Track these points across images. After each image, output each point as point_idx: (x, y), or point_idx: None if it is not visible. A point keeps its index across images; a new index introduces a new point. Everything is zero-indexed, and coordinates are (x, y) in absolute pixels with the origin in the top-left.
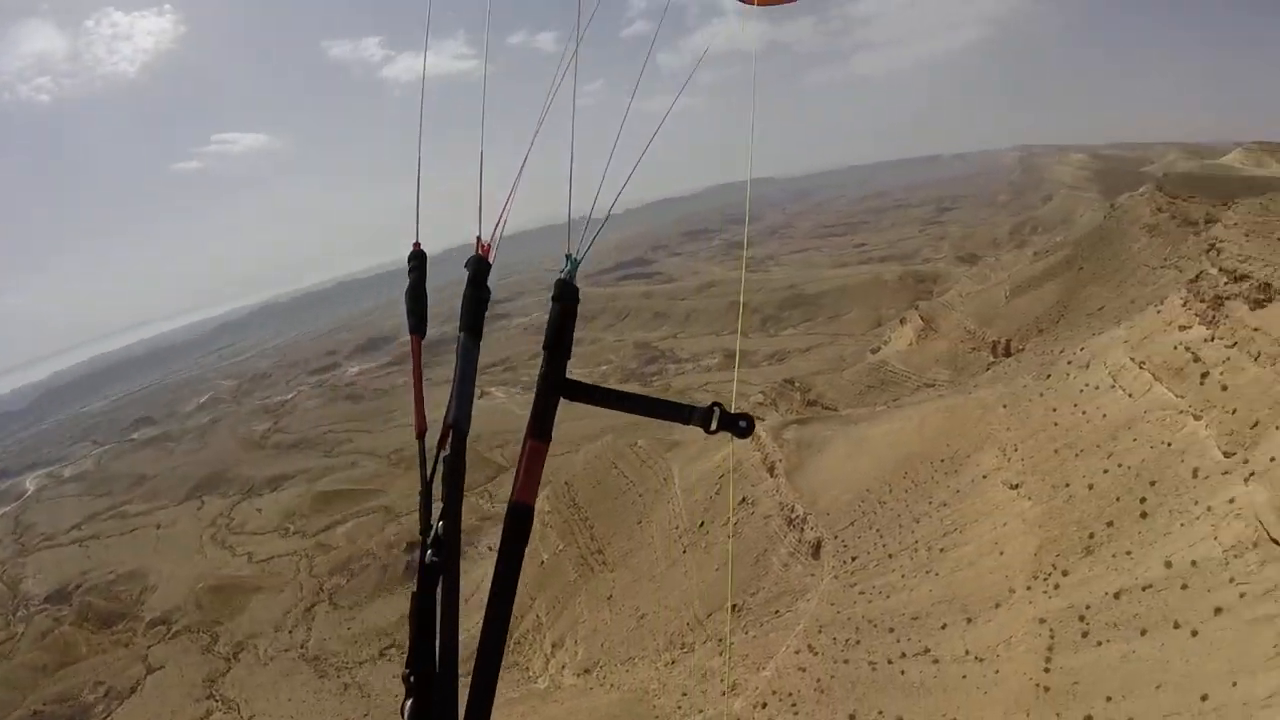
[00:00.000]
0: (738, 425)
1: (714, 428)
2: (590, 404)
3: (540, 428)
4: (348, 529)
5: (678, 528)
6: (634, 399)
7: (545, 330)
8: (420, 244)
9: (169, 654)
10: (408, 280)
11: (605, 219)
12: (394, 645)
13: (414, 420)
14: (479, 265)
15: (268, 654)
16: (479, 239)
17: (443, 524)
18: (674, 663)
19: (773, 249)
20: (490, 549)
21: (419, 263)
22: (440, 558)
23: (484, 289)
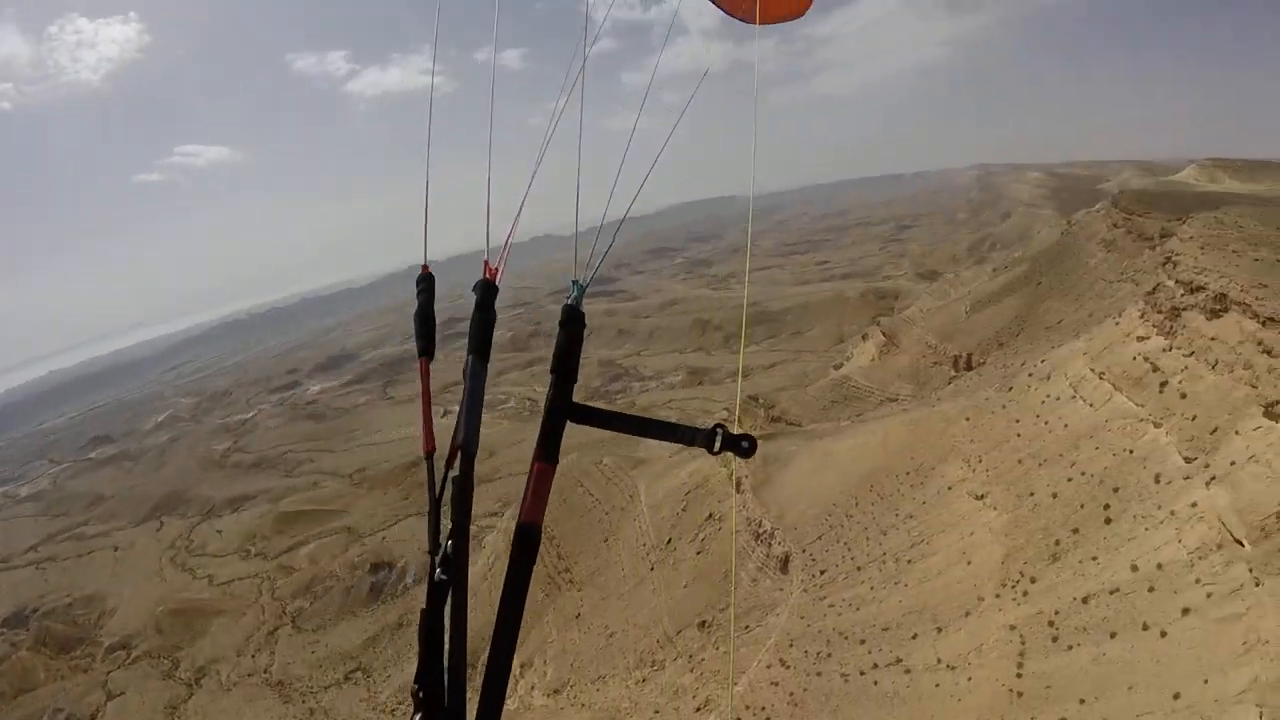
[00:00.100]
0: (740, 446)
1: (717, 448)
2: (596, 427)
3: (548, 450)
4: (310, 550)
5: (645, 545)
6: (639, 421)
7: (552, 356)
8: (429, 267)
9: (129, 680)
10: (416, 302)
11: (610, 244)
12: (359, 669)
13: (422, 440)
14: (486, 289)
15: (230, 679)
16: (486, 263)
17: (451, 542)
18: (645, 680)
19: (735, 267)
20: None
21: (427, 285)
22: (449, 575)
23: (491, 312)
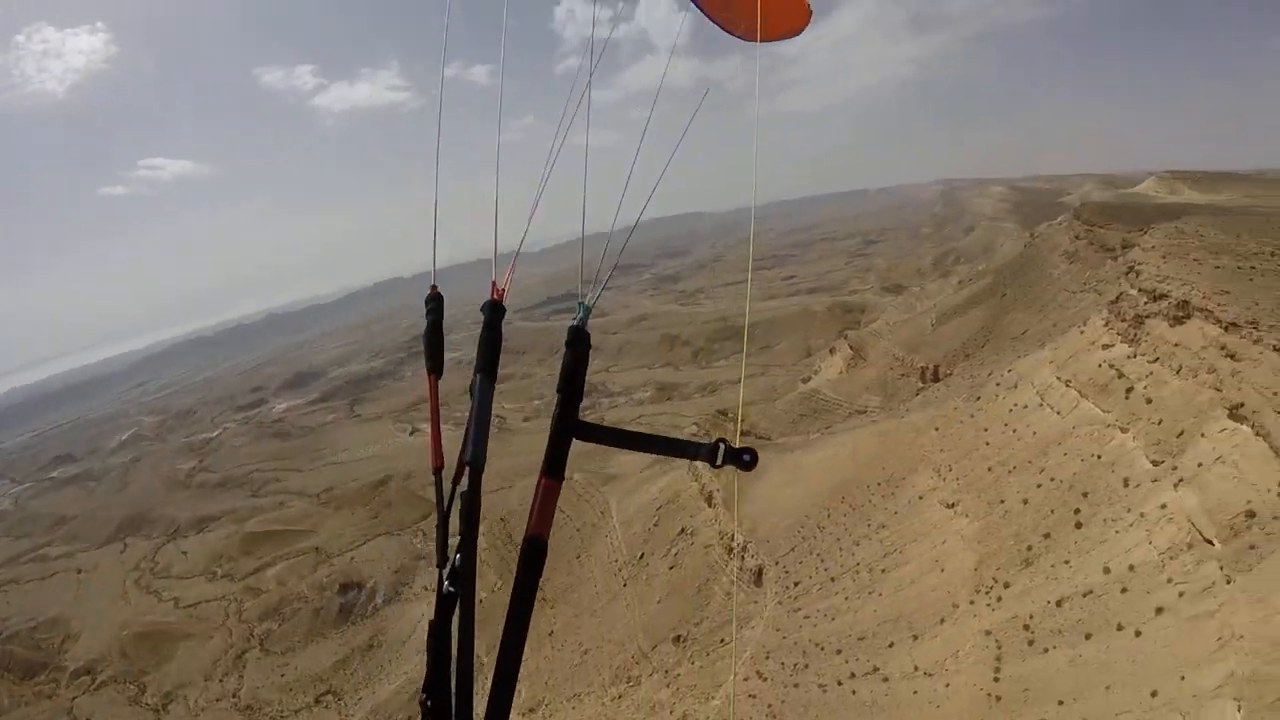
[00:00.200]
0: (742, 459)
1: (720, 462)
2: (601, 444)
3: (554, 467)
4: (278, 571)
5: (617, 561)
6: (643, 438)
7: (558, 375)
8: (437, 287)
9: (95, 706)
10: (426, 321)
11: (615, 264)
12: (330, 692)
13: (431, 456)
14: (494, 309)
15: (198, 704)
16: (494, 284)
17: (459, 556)
18: (621, 697)
19: (703, 282)
20: (425, 589)
21: (436, 305)
22: (456, 588)
23: (498, 331)
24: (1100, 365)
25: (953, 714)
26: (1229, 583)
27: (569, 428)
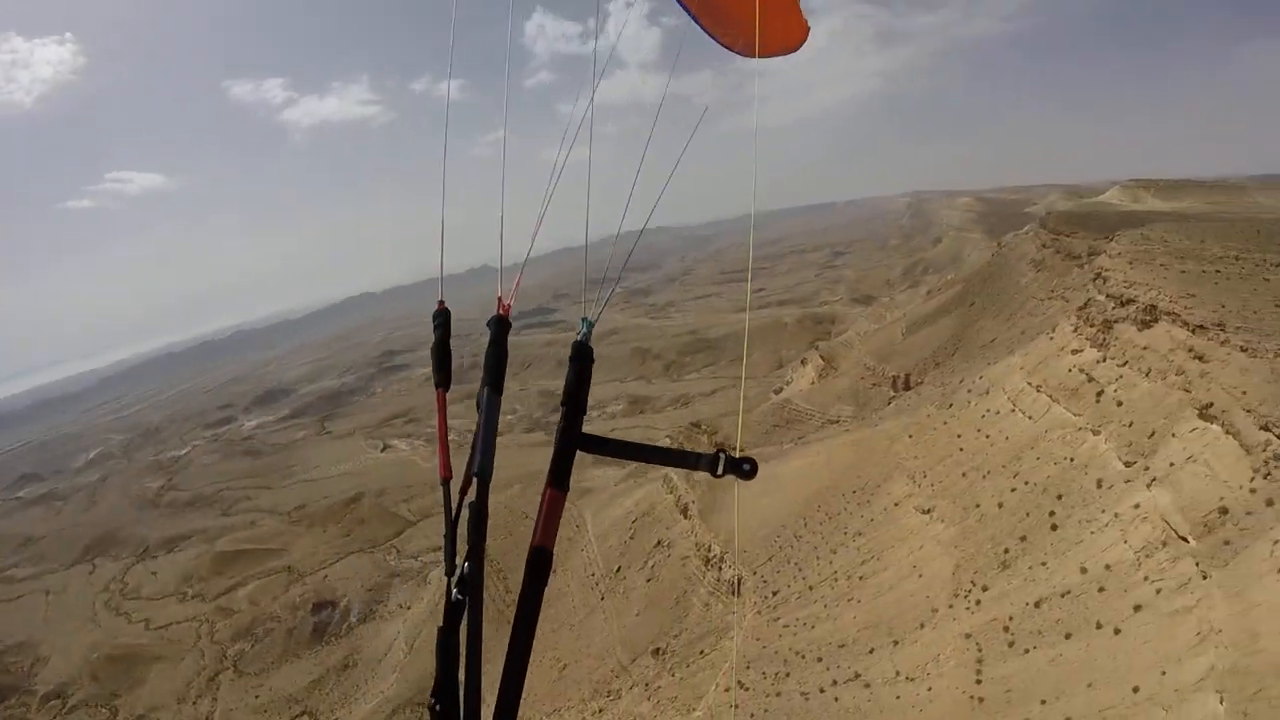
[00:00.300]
0: (742, 468)
1: (720, 472)
2: (605, 455)
3: (559, 478)
4: (249, 591)
5: (594, 575)
6: (645, 449)
7: (563, 389)
8: (444, 302)
9: None
10: (433, 337)
11: (617, 280)
12: (305, 713)
13: (439, 467)
14: (500, 324)
15: None
16: (500, 299)
17: (468, 565)
18: (601, 711)
19: (673, 295)
20: (400, 606)
21: (443, 320)
22: (465, 596)
23: (504, 346)
24: (1070, 370)
25: (936, 717)
26: (1205, 578)
27: (573, 440)
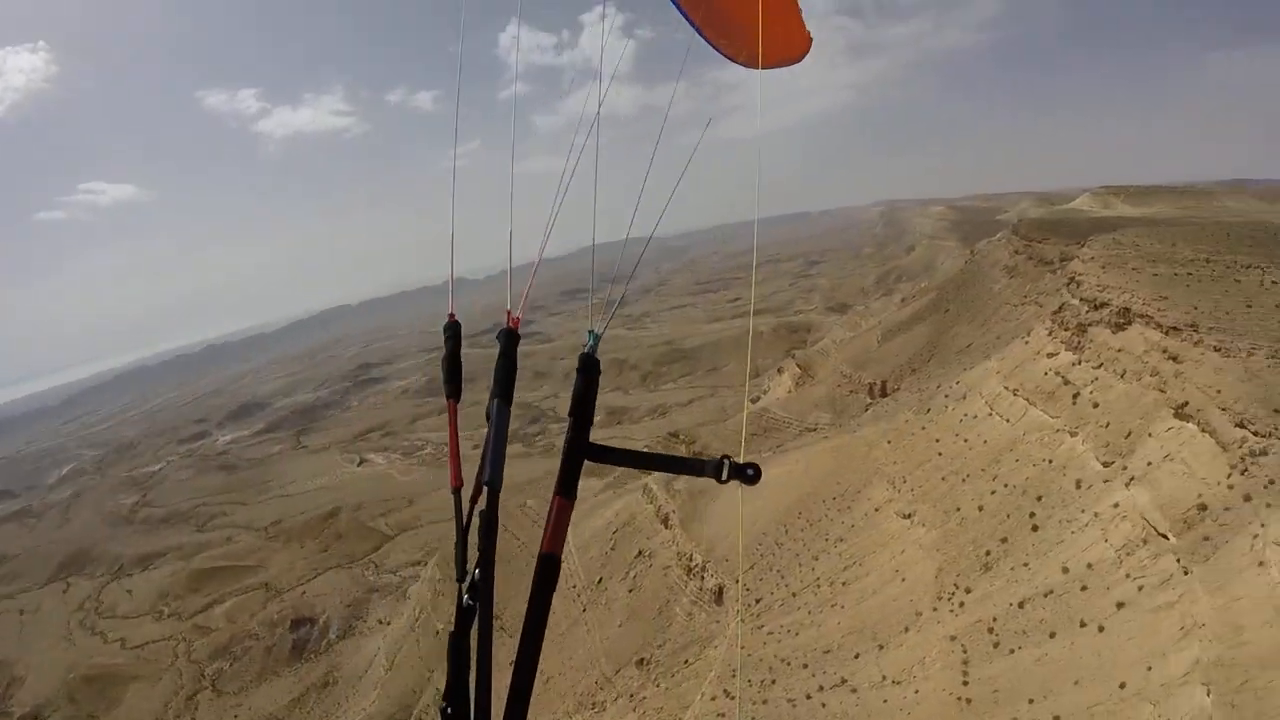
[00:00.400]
0: (745, 474)
1: (725, 477)
2: (612, 464)
3: (566, 486)
4: (227, 609)
5: (575, 586)
6: (652, 457)
7: (570, 400)
8: (455, 315)
9: None
10: (444, 349)
11: (623, 294)
12: None
13: (450, 476)
14: (509, 337)
15: None
16: (509, 312)
17: (479, 571)
18: None
19: (648, 306)
20: (380, 622)
21: (454, 333)
22: (475, 601)
23: (513, 358)
24: (1046, 373)
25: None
26: (1187, 574)
27: (581, 449)
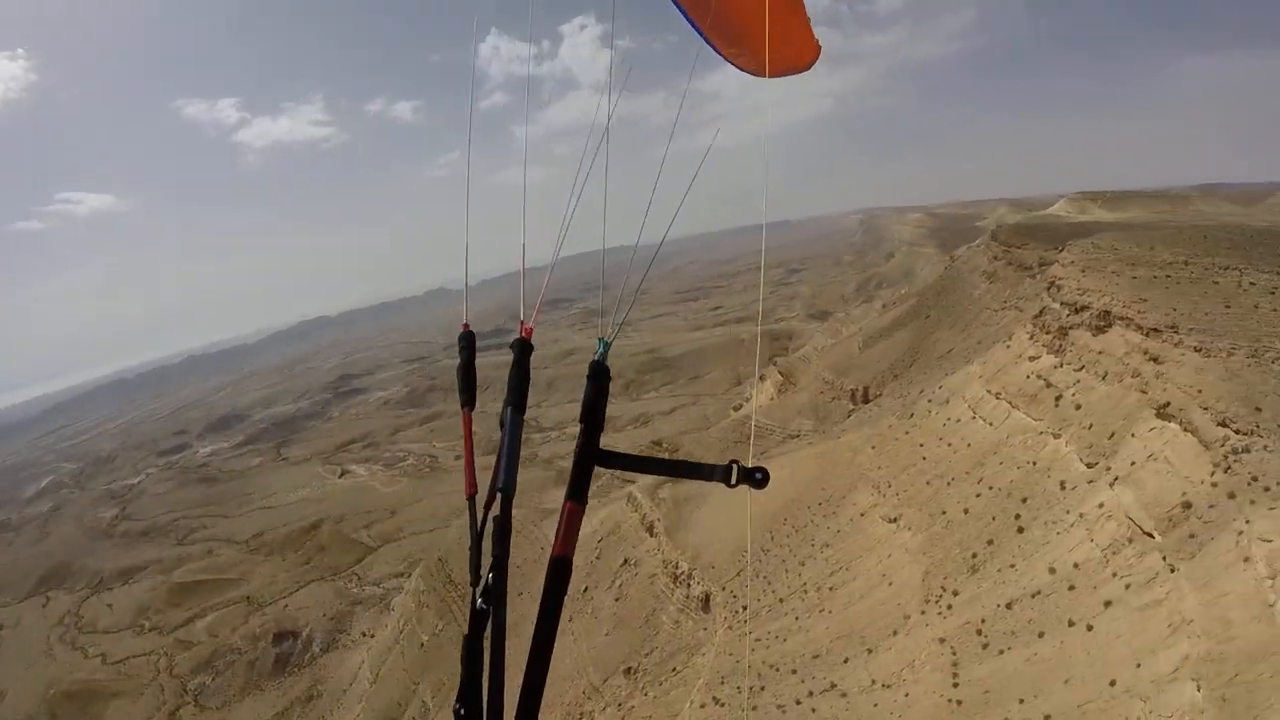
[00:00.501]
0: (754, 478)
1: (734, 482)
2: (622, 470)
3: (577, 491)
4: (208, 623)
5: None
6: (662, 463)
7: (581, 407)
8: (469, 325)
9: None
10: (459, 359)
11: (633, 303)
12: None
13: (465, 484)
14: (523, 347)
15: None
16: (522, 322)
17: (492, 575)
18: None
19: (630, 315)
20: (364, 634)
21: (469, 343)
22: (489, 605)
23: (527, 367)
24: (1028, 376)
25: None
26: (1173, 571)
27: (591, 455)
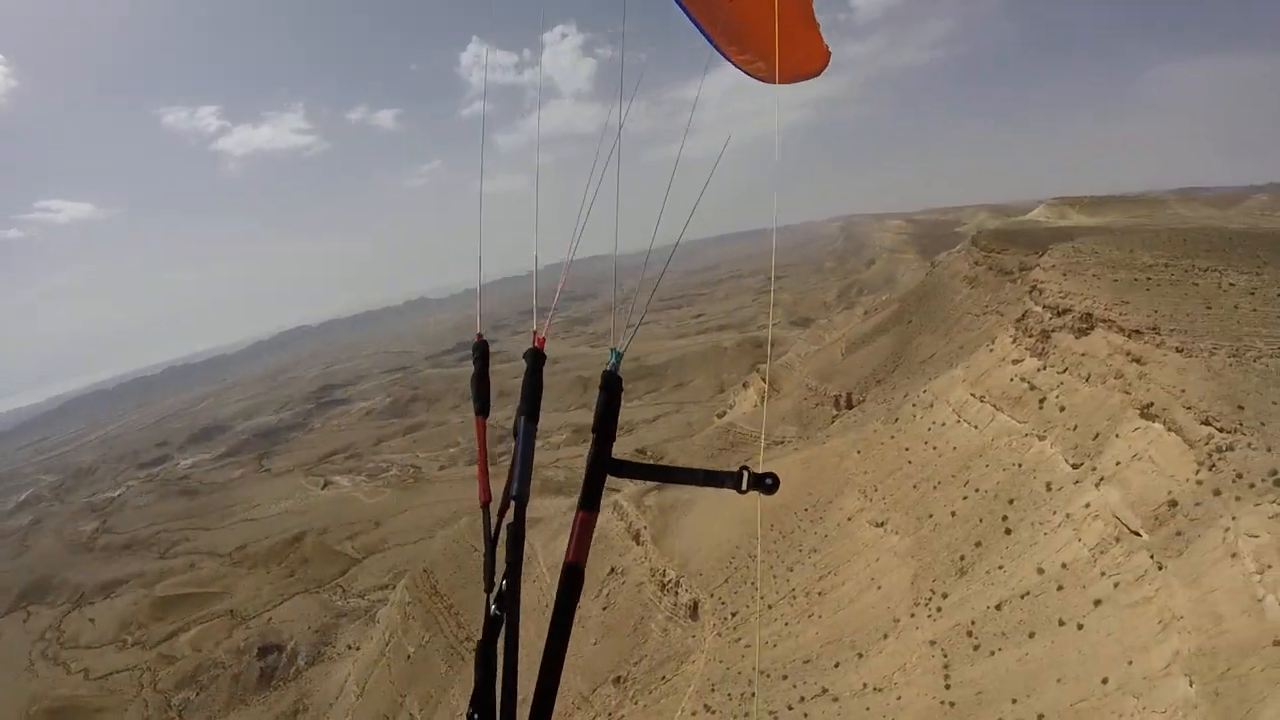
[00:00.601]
0: (764, 483)
1: (744, 488)
2: (633, 478)
3: (589, 500)
4: (192, 636)
5: (547, 606)
6: (672, 471)
7: (593, 416)
8: (482, 335)
9: None
10: (473, 368)
11: (643, 315)
12: None
13: (479, 491)
14: (535, 356)
15: None
16: (534, 332)
17: (506, 581)
18: None
19: (610, 324)
20: (349, 647)
21: (482, 352)
22: (502, 610)
23: (539, 377)
24: (1012, 379)
25: None
26: (1161, 569)
27: (604, 464)
